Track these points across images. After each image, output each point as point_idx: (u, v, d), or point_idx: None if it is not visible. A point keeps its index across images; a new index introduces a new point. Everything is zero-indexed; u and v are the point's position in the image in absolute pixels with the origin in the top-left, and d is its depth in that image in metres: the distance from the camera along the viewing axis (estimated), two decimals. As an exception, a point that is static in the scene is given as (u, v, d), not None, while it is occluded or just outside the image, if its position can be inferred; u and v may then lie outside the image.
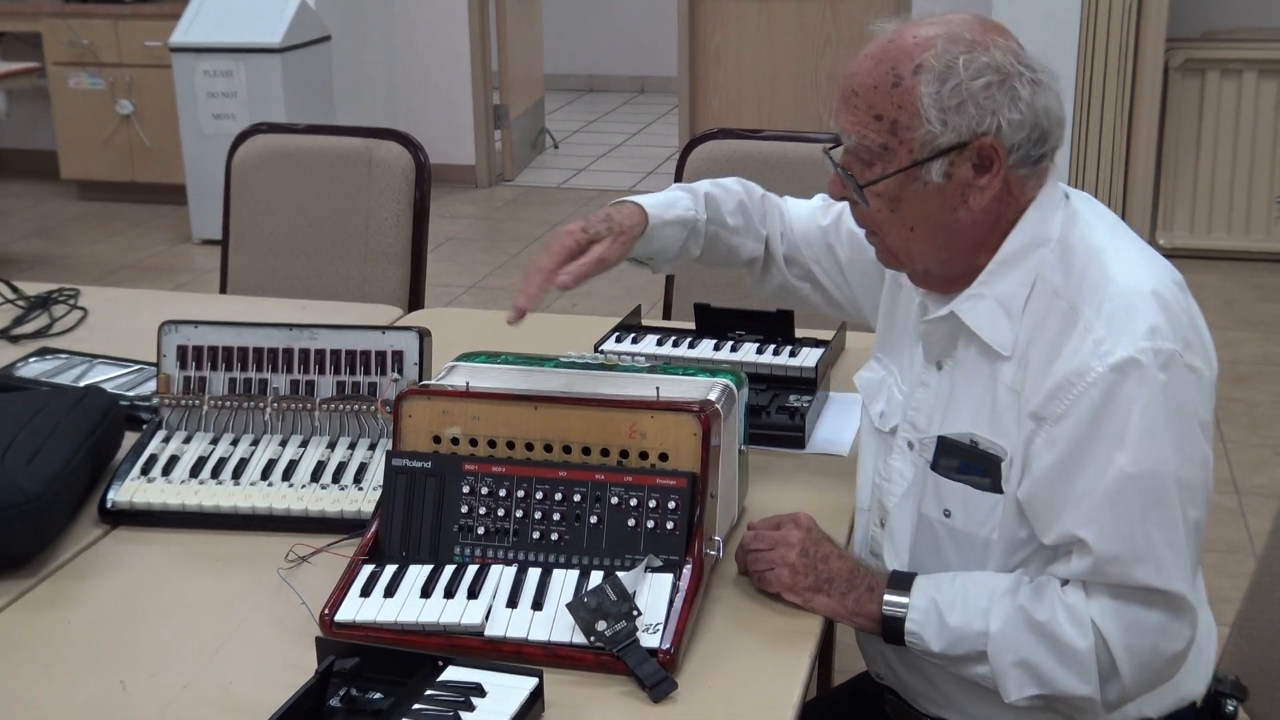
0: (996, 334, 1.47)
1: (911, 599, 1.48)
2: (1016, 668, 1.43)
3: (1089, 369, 1.38)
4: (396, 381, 1.78)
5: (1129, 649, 1.40)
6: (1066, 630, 1.40)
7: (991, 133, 1.42)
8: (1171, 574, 1.38)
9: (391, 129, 2.90)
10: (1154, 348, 1.37)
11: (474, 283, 5.50)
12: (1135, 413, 1.36)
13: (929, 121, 1.41)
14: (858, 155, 1.47)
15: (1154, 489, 1.37)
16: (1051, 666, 1.41)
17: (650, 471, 1.49)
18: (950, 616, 1.45)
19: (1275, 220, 5.46)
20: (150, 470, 1.74)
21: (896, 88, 1.42)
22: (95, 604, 1.54)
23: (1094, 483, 1.38)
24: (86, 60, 6.42)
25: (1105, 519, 1.38)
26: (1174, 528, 1.38)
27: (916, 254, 1.51)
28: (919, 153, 1.43)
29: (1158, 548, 1.38)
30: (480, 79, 6.90)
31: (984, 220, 1.47)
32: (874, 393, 1.66)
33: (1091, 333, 1.39)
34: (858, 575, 1.50)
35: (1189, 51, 5.39)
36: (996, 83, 1.41)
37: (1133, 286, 1.41)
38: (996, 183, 1.44)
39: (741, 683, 1.37)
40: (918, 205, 1.46)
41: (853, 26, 6.58)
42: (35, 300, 2.49)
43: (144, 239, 6.17)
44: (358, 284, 2.84)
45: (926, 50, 1.42)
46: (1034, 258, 1.47)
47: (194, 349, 1.82)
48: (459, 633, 1.41)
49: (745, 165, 2.71)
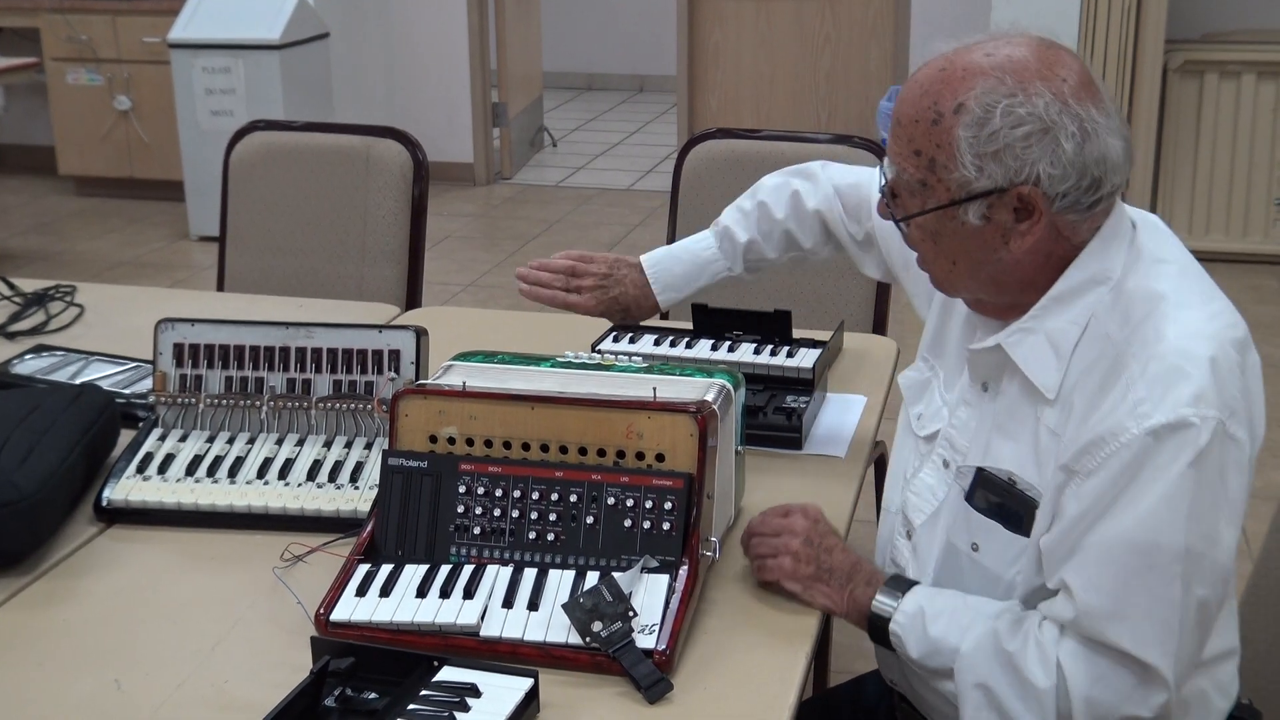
0: (1043, 374, 1.42)
1: (901, 603, 1.47)
2: (976, 689, 1.41)
3: (1124, 429, 1.32)
4: (393, 380, 1.78)
5: (1089, 702, 1.36)
6: (1032, 666, 1.37)
7: (1030, 182, 1.36)
8: (1148, 644, 1.33)
9: (390, 127, 2.90)
10: (1196, 414, 1.30)
11: (471, 281, 5.50)
12: (1160, 480, 1.31)
13: (964, 166, 1.36)
14: (900, 184, 1.44)
15: (1152, 556, 1.32)
16: (1010, 697, 1.39)
17: (647, 472, 1.49)
18: (932, 627, 1.44)
19: (1273, 222, 5.46)
20: (146, 468, 1.74)
21: (936, 125, 1.37)
22: (90, 602, 1.54)
23: (1101, 538, 1.34)
24: (85, 56, 6.42)
25: (1093, 571, 1.34)
26: (1166, 600, 1.32)
27: (962, 286, 1.48)
28: (955, 193, 1.39)
29: (1139, 614, 1.33)
30: (479, 77, 6.90)
31: (1031, 260, 1.41)
32: (916, 394, 1.64)
33: (1133, 391, 1.33)
34: (859, 570, 1.51)
35: (1188, 53, 5.39)
36: (1037, 133, 1.34)
37: (1185, 347, 1.34)
38: (1039, 229, 1.38)
39: (737, 684, 1.37)
40: (958, 242, 1.42)
41: (852, 26, 6.58)
42: (31, 297, 2.49)
43: (141, 235, 6.17)
44: (355, 282, 2.83)
45: (972, 87, 1.36)
46: (1090, 296, 1.41)
47: (190, 347, 1.82)
48: (454, 633, 1.41)
49: (743, 165, 2.71)
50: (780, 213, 1.91)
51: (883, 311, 2.68)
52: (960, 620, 1.44)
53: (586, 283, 1.92)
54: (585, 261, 1.93)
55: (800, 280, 2.69)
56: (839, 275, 2.66)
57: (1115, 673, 1.35)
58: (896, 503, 1.63)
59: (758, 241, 1.92)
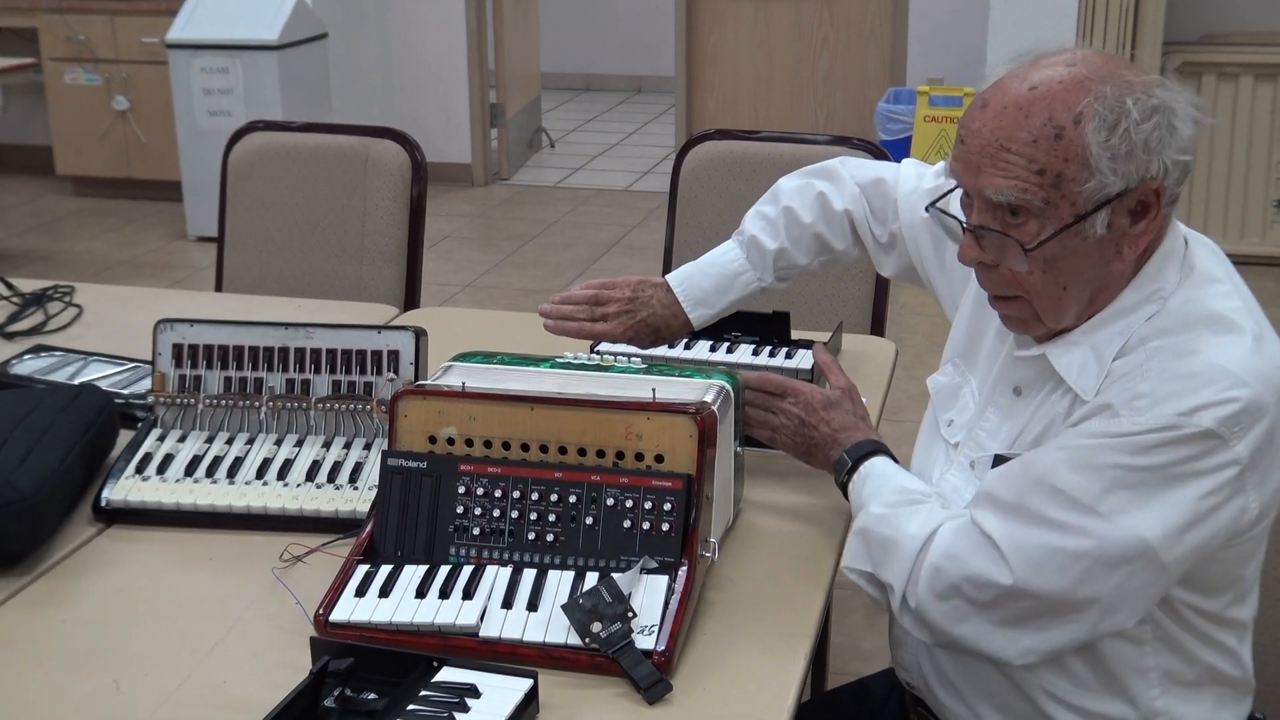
0: (1084, 380, 1.41)
1: (859, 467, 1.59)
2: (856, 536, 1.52)
3: (1117, 412, 1.34)
4: (392, 381, 1.78)
5: (936, 568, 1.43)
6: (908, 528, 1.46)
7: (1158, 176, 1.35)
8: (1017, 549, 1.37)
9: (388, 127, 2.90)
10: (1186, 423, 1.30)
11: (469, 281, 5.50)
12: (1123, 468, 1.32)
13: (1100, 172, 1.33)
14: (1007, 213, 1.37)
15: (1057, 492, 1.35)
16: (880, 549, 1.48)
17: (646, 473, 1.49)
18: (865, 490, 1.56)
19: (1271, 224, 5.46)
20: (145, 469, 1.74)
21: (1060, 139, 1.33)
22: (89, 603, 1.54)
23: (1041, 455, 1.39)
24: (83, 56, 6.41)
25: (1009, 469, 1.41)
26: (1064, 538, 1.34)
27: (1065, 313, 1.42)
28: (1083, 206, 1.35)
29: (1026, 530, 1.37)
30: (477, 77, 6.90)
31: (1128, 272, 1.41)
32: (947, 400, 1.63)
33: (1140, 384, 1.35)
34: (837, 438, 1.63)
35: (1186, 55, 5.40)
36: (1163, 123, 1.34)
37: (1215, 362, 1.34)
38: (1154, 228, 1.38)
39: (736, 685, 1.37)
40: (1075, 261, 1.38)
41: (850, 27, 6.59)
42: (30, 297, 2.49)
43: (139, 235, 6.16)
44: (353, 282, 2.83)
45: (1083, 95, 1.33)
46: (1141, 313, 1.41)
47: (189, 347, 1.82)
48: (454, 633, 1.41)
49: (742, 166, 2.71)
50: (808, 216, 1.86)
51: (881, 313, 2.68)
52: (882, 488, 1.54)
53: (612, 309, 1.86)
54: (608, 288, 1.87)
55: (798, 282, 2.68)
56: (838, 277, 2.66)
57: (975, 550, 1.40)
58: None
59: (788, 249, 1.87)
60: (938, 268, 1.75)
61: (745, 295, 1.88)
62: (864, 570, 1.51)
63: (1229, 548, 1.39)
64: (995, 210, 1.38)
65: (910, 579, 1.44)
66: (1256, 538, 1.41)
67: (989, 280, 1.45)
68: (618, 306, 1.86)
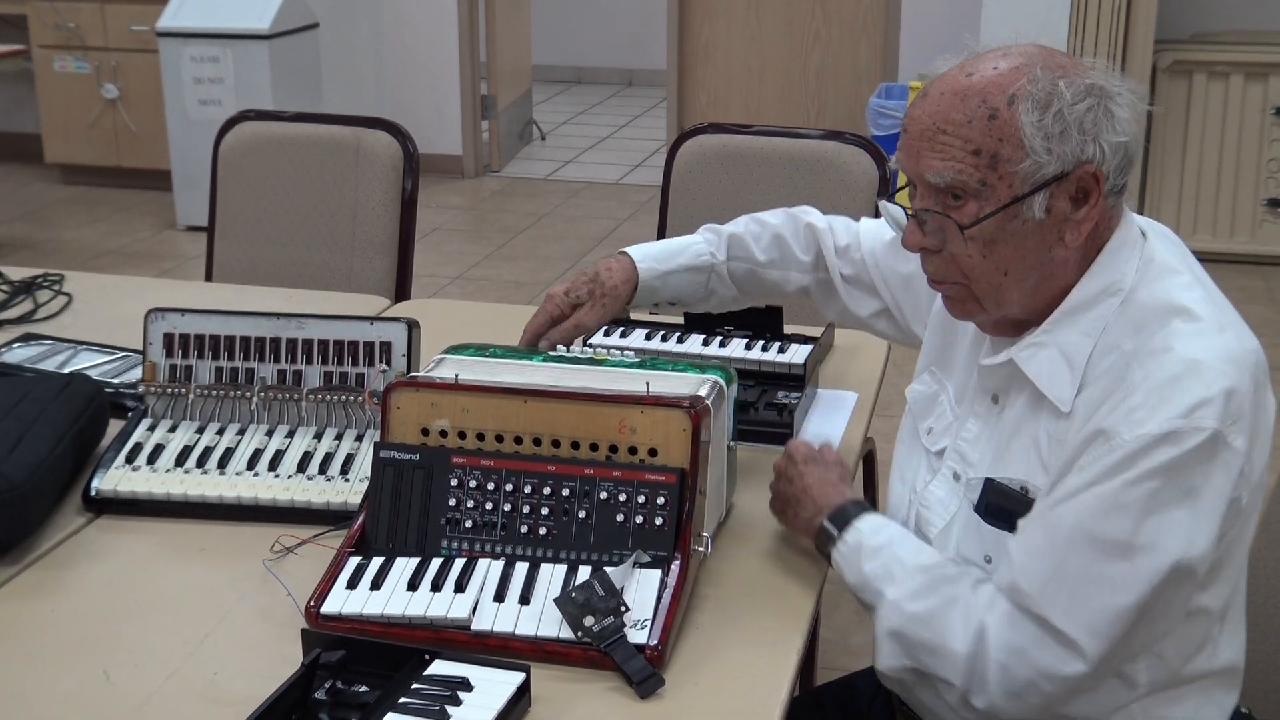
0: (1056, 387, 1.42)
1: (844, 535, 1.53)
2: (891, 638, 1.46)
3: (1116, 433, 1.34)
4: (384, 373, 1.77)
5: (1005, 668, 1.38)
6: (952, 629, 1.41)
7: (1095, 160, 1.37)
8: (1080, 622, 1.35)
9: (380, 118, 2.89)
10: (1189, 425, 1.31)
11: (460, 273, 5.49)
12: (1142, 490, 1.32)
13: (1034, 151, 1.35)
14: (948, 196, 1.40)
15: (1096, 542, 1.34)
16: (925, 651, 1.43)
17: (639, 467, 1.49)
18: (866, 564, 1.49)
19: (1260, 223, 5.47)
20: (135, 459, 1.73)
21: (994, 119, 1.36)
22: (79, 593, 1.53)
23: (1063, 517, 1.36)
24: (72, 43, 6.38)
25: (1038, 540, 1.37)
26: (1100, 584, 1.34)
27: (1006, 300, 1.44)
28: (1019, 188, 1.37)
29: (1079, 592, 1.35)
30: (468, 69, 6.88)
31: (1074, 259, 1.42)
32: (925, 408, 1.63)
33: (1130, 398, 1.34)
34: (810, 495, 1.58)
35: (1177, 53, 5.40)
36: (1097, 105, 1.36)
37: (1190, 357, 1.34)
38: (1095, 214, 1.39)
39: (728, 679, 1.37)
40: (1014, 245, 1.39)
41: (841, 22, 6.58)
42: (19, 285, 2.48)
43: (129, 224, 6.14)
44: (344, 273, 2.82)
45: (1016, 79, 1.36)
46: (1102, 307, 1.41)
47: (180, 337, 1.81)
48: (446, 626, 1.40)
49: (733, 160, 2.71)
50: (774, 219, 1.86)
51: (873, 308, 2.68)
52: (892, 566, 1.48)
53: (581, 300, 1.78)
54: (565, 293, 1.79)
55: (791, 276, 2.69)
56: (830, 271, 2.66)
57: (1040, 640, 1.37)
58: (899, 510, 1.63)
59: (745, 238, 1.84)
60: (903, 287, 1.77)
61: (696, 264, 1.82)
62: (908, 667, 1.47)
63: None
64: (936, 194, 1.41)
65: (973, 679, 1.40)
66: (1241, 523, 1.42)
67: (931, 265, 1.46)
68: (585, 293, 1.78)
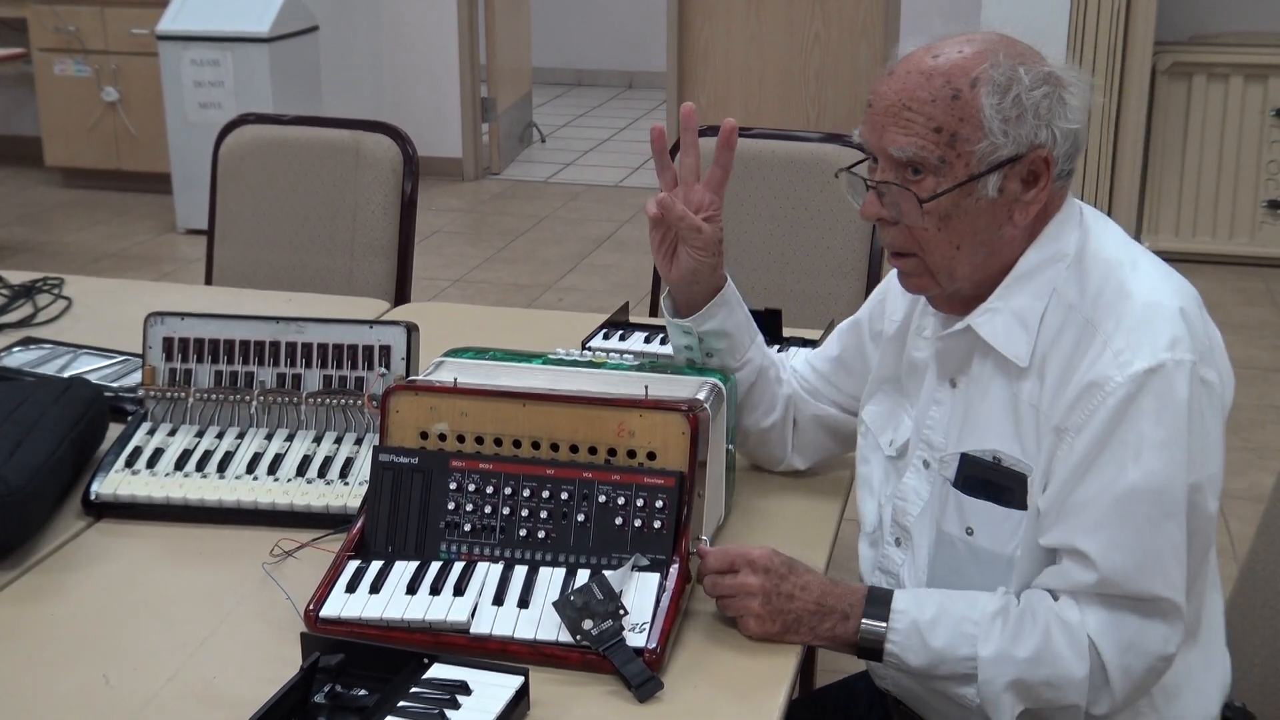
0: (1013, 345, 1.47)
1: (891, 622, 1.45)
2: (1009, 691, 1.43)
3: (1109, 379, 1.39)
4: (384, 376, 1.78)
5: (1125, 668, 1.41)
6: (1064, 655, 1.41)
7: (1047, 145, 1.43)
8: (1175, 583, 1.40)
9: (379, 121, 2.88)
10: (1174, 359, 1.38)
11: (460, 276, 5.49)
12: (1151, 424, 1.38)
13: (991, 133, 1.41)
14: (908, 170, 1.44)
15: (1165, 502, 1.38)
16: (1046, 689, 1.42)
17: (638, 470, 1.49)
18: (933, 638, 1.44)
19: (1260, 224, 5.47)
20: (135, 462, 1.74)
21: (957, 100, 1.42)
22: (78, 597, 1.54)
23: (1100, 492, 1.39)
24: (72, 47, 6.39)
25: (1111, 532, 1.39)
26: (1179, 538, 1.39)
27: (958, 273, 1.48)
28: (975, 167, 1.42)
29: (1164, 558, 1.39)
30: (468, 71, 6.89)
31: (1020, 237, 1.48)
32: (884, 423, 1.65)
33: (1111, 344, 1.40)
34: (826, 605, 1.45)
35: (1176, 55, 5.41)
36: (1053, 92, 1.43)
37: (1151, 299, 1.42)
38: (1043, 196, 1.45)
39: (727, 683, 1.37)
40: (968, 222, 1.45)
41: (841, 25, 6.58)
42: (19, 289, 2.48)
43: (128, 228, 6.14)
44: (344, 276, 2.82)
45: (981, 63, 1.43)
46: (1050, 273, 1.47)
47: (180, 341, 1.81)
48: (445, 630, 1.41)
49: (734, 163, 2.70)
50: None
51: (872, 311, 2.68)
52: (962, 627, 1.44)
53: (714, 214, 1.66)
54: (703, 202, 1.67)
55: (790, 279, 2.69)
56: (829, 275, 2.66)
57: (1143, 628, 1.41)
58: (875, 523, 1.64)
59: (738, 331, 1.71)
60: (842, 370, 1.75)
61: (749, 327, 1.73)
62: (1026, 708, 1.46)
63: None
64: (897, 167, 1.45)
65: (1096, 692, 1.43)
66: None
67: (888, 236, 1.51)
68: (714, 211, 1.66)
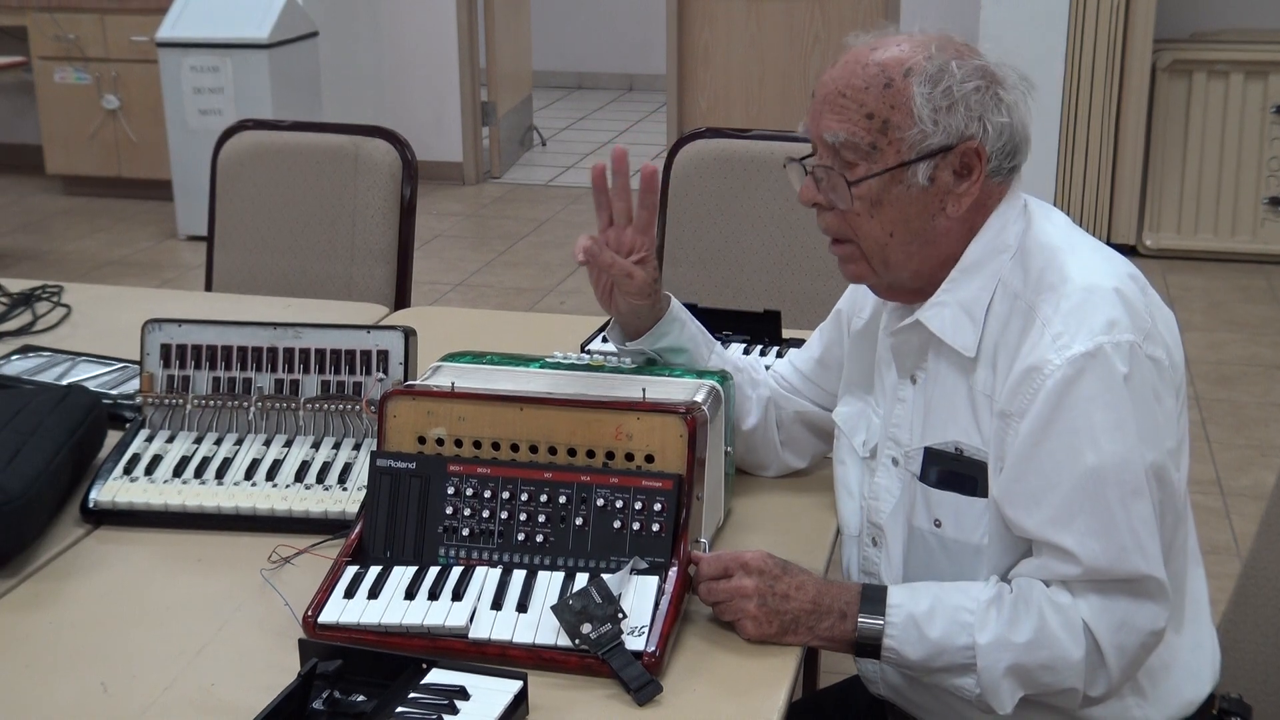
0: (960, 336, 1.49)
1: (888, 617, 1.45)
2: (1008, 677, 1.43)
3: (1047, 362, 1.41)
4: (381, 381, 1.77)
5: (1119, 647, 1.42)
6: (1060, 638, 1.41)
7: (978, 137, 1.46)
8: (1154, 559, 1.42)
9: (378, 126, 2.88)
10: (1112, 340, 1.40)
11: (460, 280, 5.49)
12: (1098, 407, 1.39)
13: (921, 121, 1.44)
14: (841, 155, 1.48)
15: (1128, 480, 1.40)
16: (1044, 672, 1.43)
17: (636, 473, 1.49)
18: (930, 630, 1.44)
19: (1261, 222, 5.47)
20: (133, 470, 1.73)
21: (889, 88, 1.45)
22: (77, 604, 1.53)
23: (1058, 478, 1.41)
24: (73, 55, 6.39)
25: (1084, 521, 1.40)
26: (1149, 514, 1.41)
27: (892, 261, 1.51)
28: (906, 154, 1.45)
29: (1140, 536, 1.40)
30: (468, 75, 6.89)
31: (957, 230, 1.50)
32: (854, 424, 1.67)
33: (1049, 328, 1.43)
34: (822, 604, 1.45)
35: (1176, 52, 5.40)
36: (985, 86, 1.46)
37: (1090, 283, 1.45)
38: (975, 189, 1.48)
39: (727, 686, 1.37)
40: (899, 209, 1.48)
41: (841, 26, 6.58)
42: (18, 297, 2.48)
43: (129, 235, 6.15)
44: (344, 282, 2.82)
45: (915, 55, 1.46)
46: (994, 264, 1.50)
47: (178, 348, 1.81)
48: (443, 635, 1.40)
49: (733, 165, 2.71)
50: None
51: (872, 311, 2.68)
52: (960, 617, 1.44)
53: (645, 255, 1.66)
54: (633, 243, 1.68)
55: (789, 280, 2.69)
56: (829, 275, 2.66)
57: (1134, 607, 1.42)
58: (856, 526, 1.65)
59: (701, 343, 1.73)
60: (822, 370, 1.79)
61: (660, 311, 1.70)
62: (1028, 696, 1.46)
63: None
64: (832, 152, 1.49)
65: (1092, 673, 1.43)
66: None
67: (824, 221, 1.54)
68: (646, 254, 1.67)
